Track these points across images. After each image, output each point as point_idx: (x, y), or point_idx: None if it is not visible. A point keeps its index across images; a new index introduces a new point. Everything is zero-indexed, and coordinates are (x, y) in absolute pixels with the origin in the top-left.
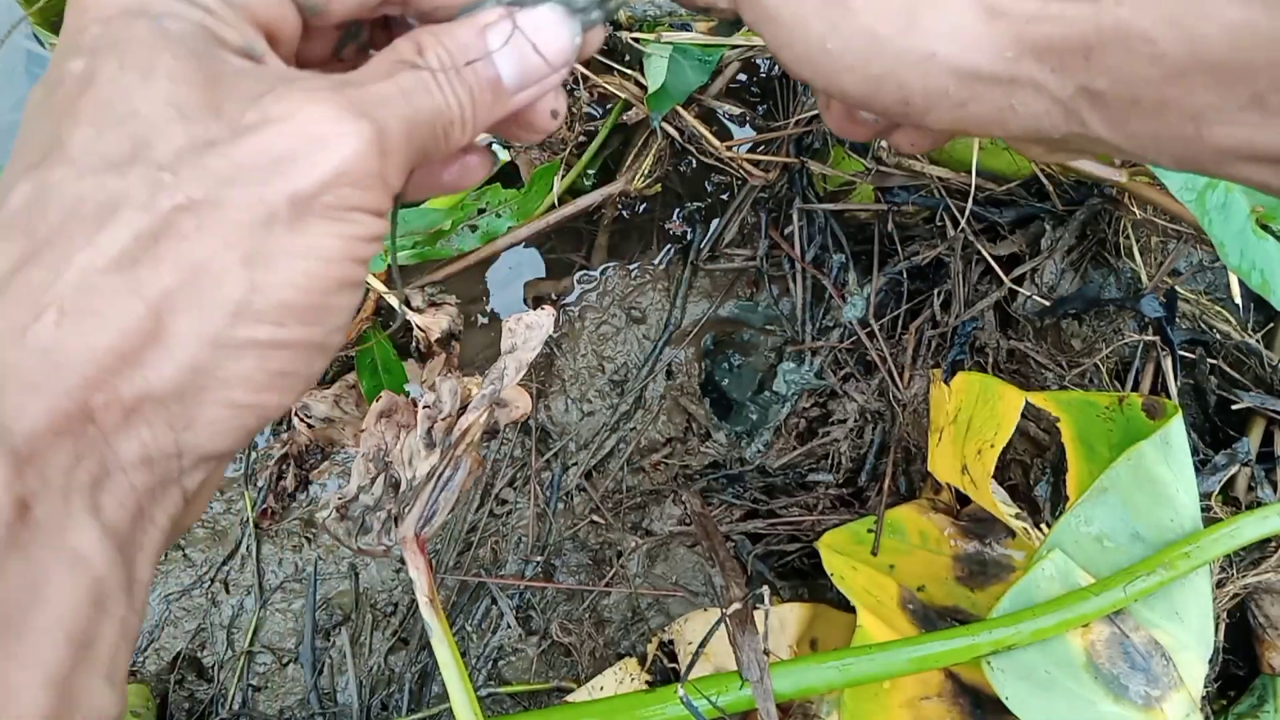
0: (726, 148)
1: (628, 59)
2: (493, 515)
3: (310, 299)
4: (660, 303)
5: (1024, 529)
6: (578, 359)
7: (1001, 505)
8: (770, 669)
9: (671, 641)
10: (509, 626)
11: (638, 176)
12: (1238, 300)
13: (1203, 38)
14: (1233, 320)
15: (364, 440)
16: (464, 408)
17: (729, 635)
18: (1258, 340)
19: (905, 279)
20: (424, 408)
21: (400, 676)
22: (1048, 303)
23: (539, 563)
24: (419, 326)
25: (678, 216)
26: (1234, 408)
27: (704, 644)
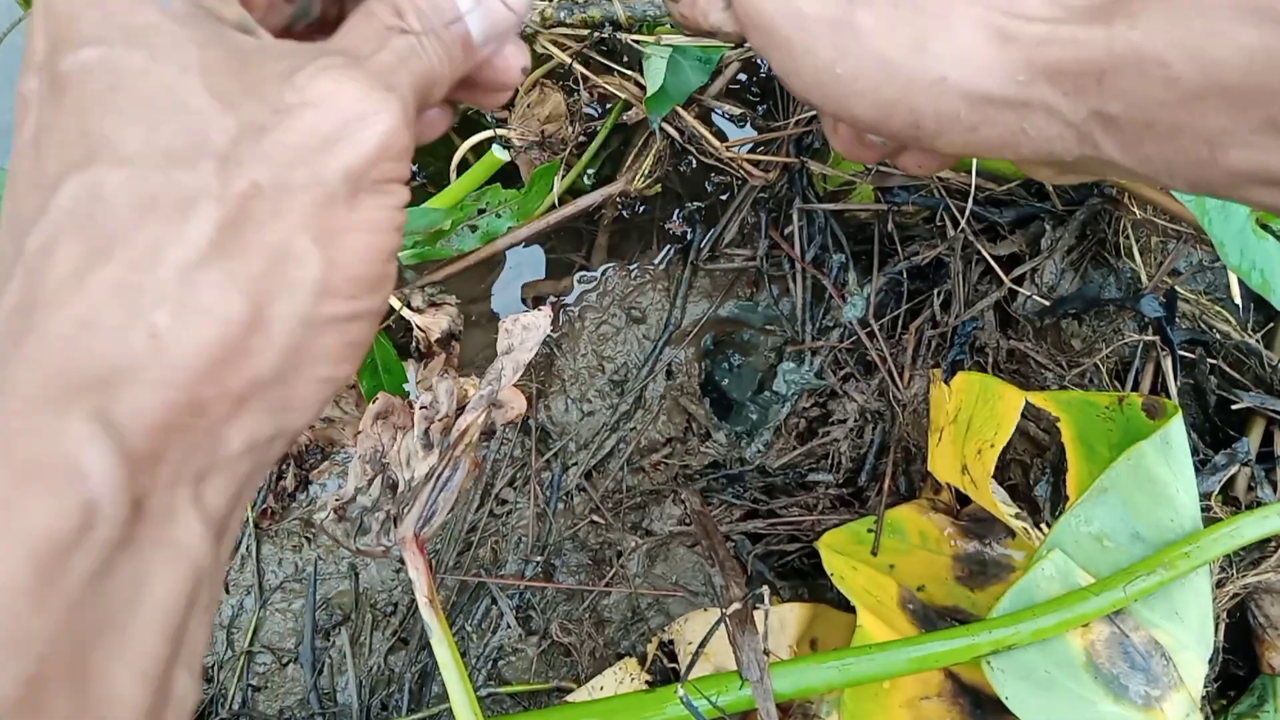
0: (726, 148)
1: (627, 59)
2: (493, 515)
3: (373, 270)
4: (660, 303)
5: (1024, 529)
6: (578, 359)
7: (1001, 505)
8: (770, 669)
9: (671, 641)
10: (509, 626)
11: (638, 177)
12: (1238, 300)
13: (1217, 61)
14: (1233, 320)
15: (361, 442)
16: (461, 408)
17: (729, 635)
18: (1258, 340)
19: (905, 279)
20: (421, 408)
21: (400, 676)
22: (1048, 303)
23: (539, 563)
24: (419, 326)
25: (678, 216)
26: (1234, 408)
27: (704, 644)
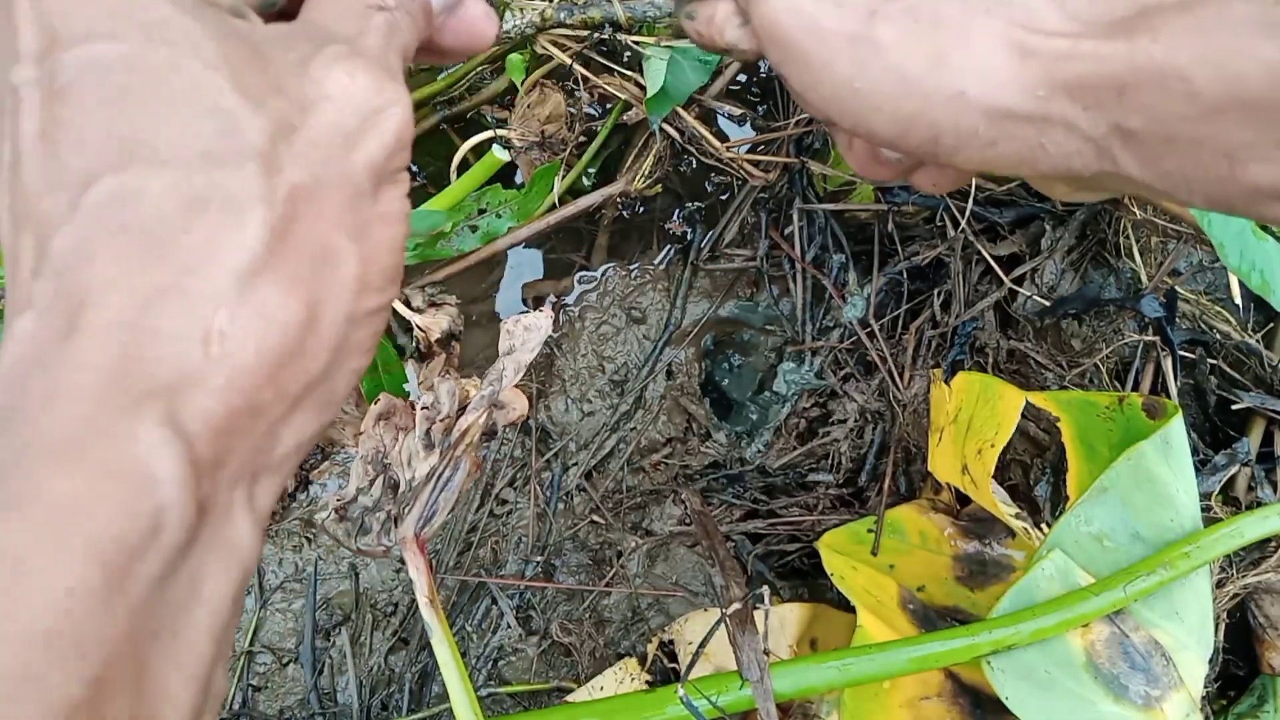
0: (726, 148)
1: (627, 59)
2: (493, 515)
3: (396, 260)
4: (660, 303)
5: (1024, 529)
6: (578, 359)
7: (1001, 505)
8: (770, 669)
9: (671, 641)
10: (509, 626)
11: (638, 177)
12: (1238, 300)
13: (1240, 76)
14: (1233, 320)
15: (362, 442)
16: (462, 409)
17: (729, 635)
18: (1258, 340)
19: (905, 279)
20: (422, 409)
21: (400, 676)
22: (1048, 303)
23: (539, 563)
24: (419, 327)
25: (678, 216)
26: (1234, 408)
27: (704, 644)
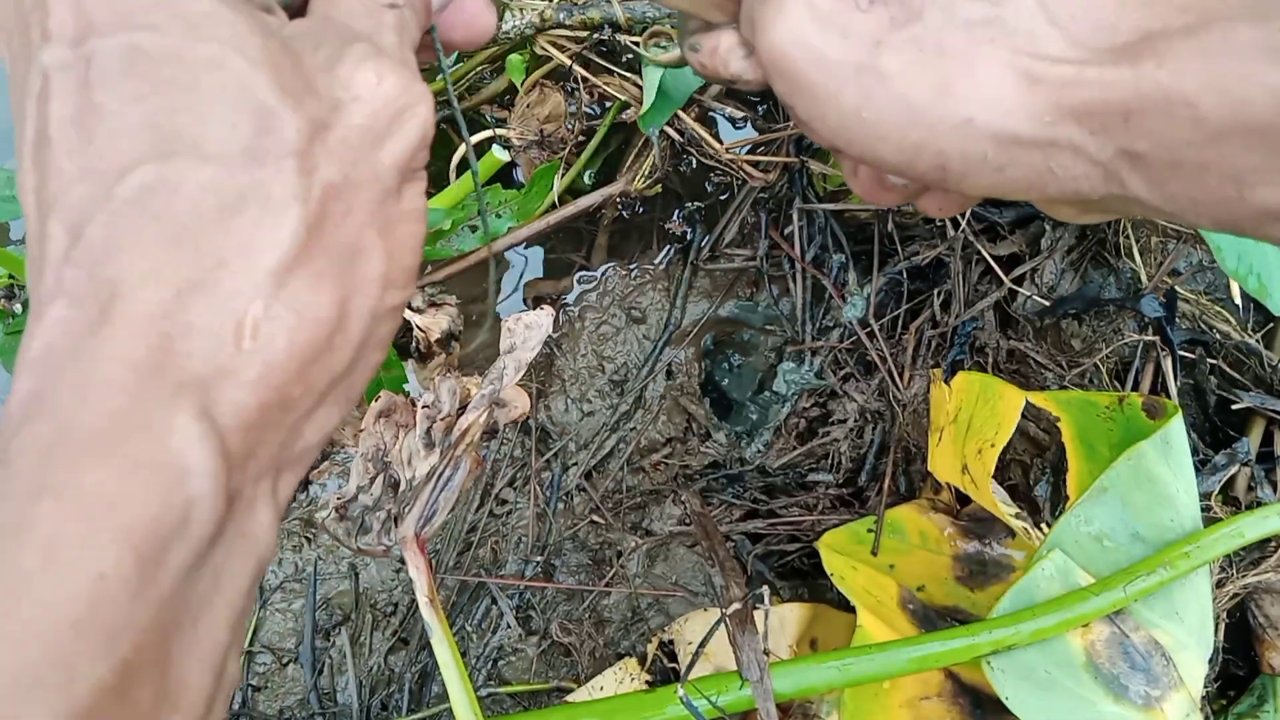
0: (726, 149)
1: (626, 61)
2: (493, 515)
3: (417, 257)
4: (660, 303)
5: (1024, 529)
6: (578, 359)
7: (1001, 505)
8: (770, 669)
9: (671, 641)
10: (509, 626)
11: (638, 177)
12: (1237, 300)
13: (1246, 101)
14: (1233, 320)
15: (362, 440)
16: (463, 408)
17: (729, 635)
18: (1258, 340)
19: (905, 279)
20: (423, 408)
21: (400, 676)
22: (1048, 303)
23: (539, 563)
24: (419, 326)
25: (678, 216)
26: (1234, 408)
27: (704, 644)
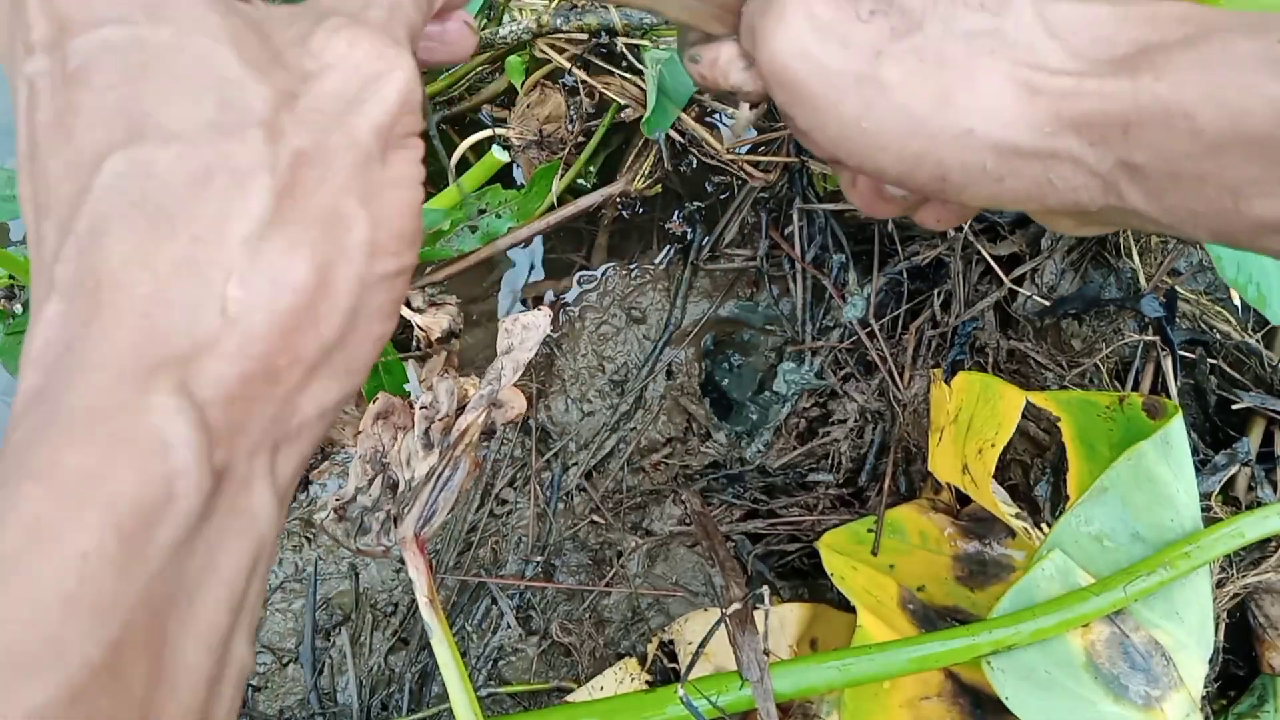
0: (727, 149)
1: (625, 65)
2: (493, 515)
3: (410, 224)
4: (660, 303)
5: (1024, 529)
6: (578, 359)
7: (1002, 505)
8: (770, 669)
9: (671, 641)
10: (509, 626)
11: (638, 177)
12: (1237, 301)
13: (1244, 113)
14: (1233, 320)
15: (361, 441)
16: (461, 408)
17: (729, 635)
18: (1258, 340)
19: (905, 279)
20: (421, 408)
21: (400, 676)
22: (1048, 303)
23: (539, 563)
24: (419, 327)
25: (678, 216)
26: (1234, 408)
27: (704, 644)
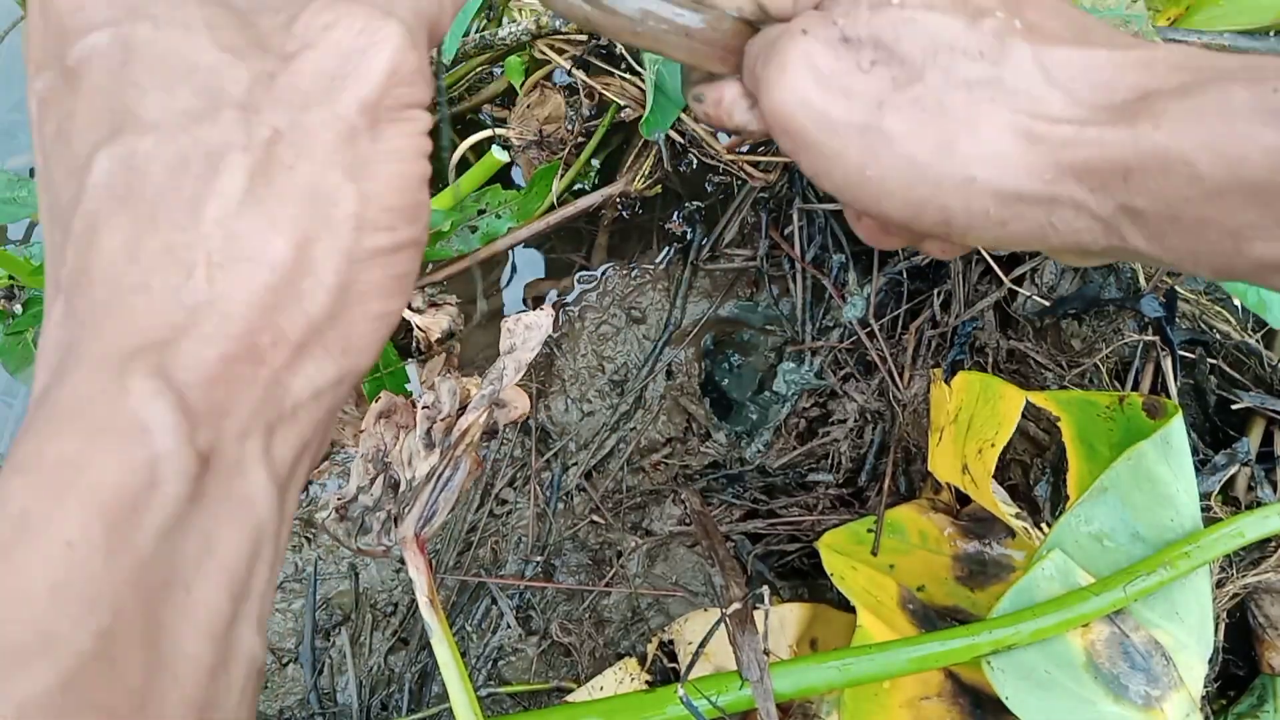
0: (727, 149)
1: (624, 67)
2: (493, 515)
3: (406, 198)
4: (660, 303)
5: (1024, 529)
6: (578, 359)
7: (1002, 505)
8: (770, 669)
9: (671, 641)
10: (509, 626)
11: (638, 177)
12: (1237, 301)
13: (1242, 160)
14: (1233, 320)
15: (363, 441)
16: (463, 408)
17: (729, 635)
18: (1258, 340)
19: (905, 279)
20: (423, 408)
21: (400, 676)
22: (1048, 303)
23: (539, 563)
24: (419, 327)
25: (678, 216)
26: (1234, 408)
27: (704, 644)
